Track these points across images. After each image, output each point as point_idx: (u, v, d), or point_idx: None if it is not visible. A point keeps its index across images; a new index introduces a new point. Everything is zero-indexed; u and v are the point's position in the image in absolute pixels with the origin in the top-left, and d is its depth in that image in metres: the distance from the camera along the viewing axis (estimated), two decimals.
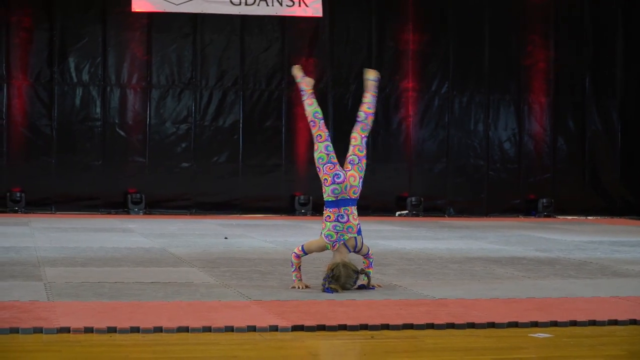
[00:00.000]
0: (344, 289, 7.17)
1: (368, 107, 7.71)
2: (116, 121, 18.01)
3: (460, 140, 19.24)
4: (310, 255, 7.61)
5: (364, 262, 7.48)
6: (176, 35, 18.22)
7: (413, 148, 19.03)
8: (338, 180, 7.37)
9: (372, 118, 7.70)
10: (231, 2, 17.87)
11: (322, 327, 5.78)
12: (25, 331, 5.47)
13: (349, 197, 7.37)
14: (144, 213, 17.63)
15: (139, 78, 18.08)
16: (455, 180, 19.16)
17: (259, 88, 18.50)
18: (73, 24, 17.76)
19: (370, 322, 5.90)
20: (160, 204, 18.01)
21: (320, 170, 7.48)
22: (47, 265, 8.73)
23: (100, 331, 5.52)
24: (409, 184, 18.98)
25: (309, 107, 7.66)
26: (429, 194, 18.97)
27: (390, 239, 12.67)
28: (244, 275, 8.26)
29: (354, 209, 7.39)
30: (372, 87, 7.81)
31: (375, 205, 17.94)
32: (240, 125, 18.41)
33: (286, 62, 18.38)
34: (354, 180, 7.42)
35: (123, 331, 5.54)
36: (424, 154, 19.12)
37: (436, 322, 5.97)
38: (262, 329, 5.70)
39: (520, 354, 5.34)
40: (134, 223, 14.98)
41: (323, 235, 7.37)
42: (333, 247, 7.36)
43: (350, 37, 18.80)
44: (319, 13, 18.25)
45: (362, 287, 7.32)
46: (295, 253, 7.45)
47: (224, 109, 18.39)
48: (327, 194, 7.38)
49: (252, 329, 5.70)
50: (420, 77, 19.01)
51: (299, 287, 7.36)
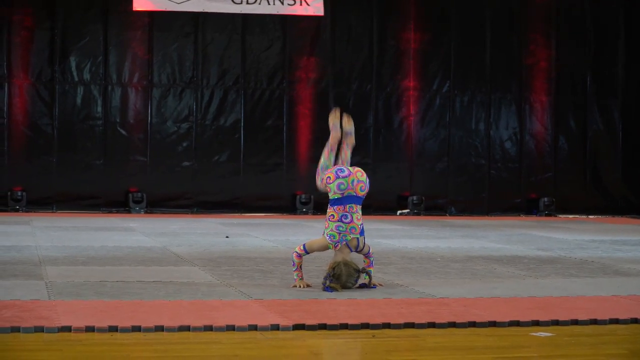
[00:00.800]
0: (344, 287, 7.16)
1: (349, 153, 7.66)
2: (117, 120, 18.01)
3: (461, 139, 19.23)
4: (311, 254, 7.60)
5: (364, 261, 7.46)
6: (177, 34, 18.22)
7: (414, 147, 19.02)
8: (342, 175, 7.32)
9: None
10: (232, 1, 17.86)
11: (323, 326, 5.78)
12: (27, 330, 5.47)
13: (355, 194, 7.29)
14: (145, 212, 17.62)
15: (140, 77, 18.08)
16: (457, 179, 19.15)
17: (260, 87, 18.49)
18: (74, 23, 17.76)
19: (371, 321, 5.89)
20: (162, 203, 18.01)
21: (319, 173, 7.47)
22: (49, 264, 8.72)
23: (101, 330, 5.52)
24: (410, 183, 18.97)
25: (324, 159, 7.56)
26: (430, 193, 18.96)
27: (392, 238, 12.66)
28: (245, 274, 8.26)
29: (359, 209, 7.33)
30: (351, 139, 7.67)
31: (376, 204, 17.92)
32: (242, 124, 18.41)
33: (287, 61, 18.39)
34: (361, 175, 7.36)
35: (124, 330, 5.54)
36: (425, 153, 19.11)
37: (437, 321, 5.97)
38: (264, 328, 5.70)
39: (521, 352, 5.34)
40: (135, 222, 14.98)
41: (325, 235, 7.35)
42: (335, 247, 7.33)
43: (351, 36, 18.79)
44: (320, 12, 18.25)
45: (363, 286, 7.31)
46: (296, 252, 7.43)
47: (225, 108, 18.38)
48: (333, 191, 7.30)
49: (253, 328, 5.70)
50: (421, 76, 19.00)
51: (300, 286, 7.35)
